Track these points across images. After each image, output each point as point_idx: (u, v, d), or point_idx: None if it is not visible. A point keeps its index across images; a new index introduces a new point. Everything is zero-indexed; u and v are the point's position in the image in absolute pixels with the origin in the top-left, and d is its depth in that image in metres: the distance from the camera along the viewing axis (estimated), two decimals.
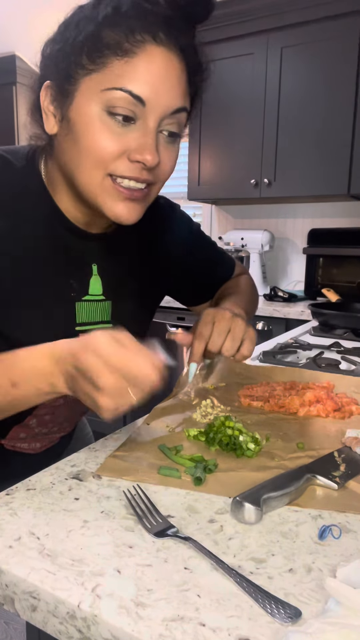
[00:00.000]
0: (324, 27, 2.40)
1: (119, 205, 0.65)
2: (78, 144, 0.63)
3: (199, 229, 0.99)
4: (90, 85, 0.61)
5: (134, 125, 0.62)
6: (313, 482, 0.59)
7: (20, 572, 0.44)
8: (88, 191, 0.66)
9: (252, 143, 2.68)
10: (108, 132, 0.62)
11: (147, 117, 0.62)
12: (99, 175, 0.64)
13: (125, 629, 0.38)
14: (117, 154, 0.62)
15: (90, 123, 0.62)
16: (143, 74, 0.60)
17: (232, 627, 0.38)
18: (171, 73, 0.62)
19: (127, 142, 0.62)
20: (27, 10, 3.03)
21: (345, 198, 2.68)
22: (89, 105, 0.62)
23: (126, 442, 0.70)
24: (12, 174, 0.69)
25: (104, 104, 0.61)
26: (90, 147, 0.62)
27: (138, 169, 0.63)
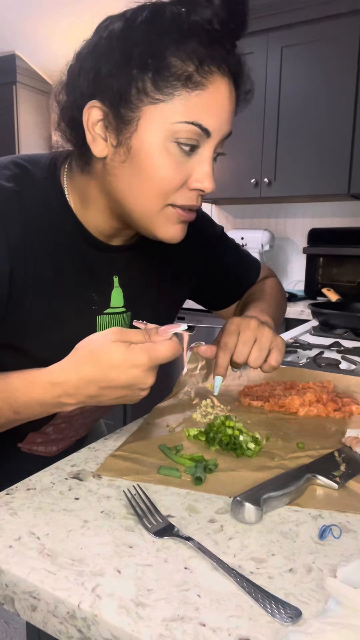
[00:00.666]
0: (324, 27, 2.40)
1: (173, 228, 0.66)
2: (140, 173, 0.61)
3: (222, 232, 0.97)
4: (156, 114, 0.59)
5: (194, 154, 0.62)
6: (313, 482, 0.59)
7: (20, 572, 0.44)
8: (142, 217, 0.65)
9: (252, 143, 2.68)
10: (172, 162, 0.61)
11: (207, 145, 0.62)
12: (158, 205, 0.63)
13: (125, 629, 0.38)
14: (180, 184, 0.62)
15: (155, 153, 0.60)
16: (212, 107, 0.60)
17: (232, 627, 0.38)
18: (231, 102, 0.62)
19: (188, 171, 0.62)
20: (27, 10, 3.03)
21: (345, 198, 2.68)
22: (154, 136, 0.60)
23: (126, 442, 0.70)
24: (33, 186, 0.67)
25: (171, 135, 0.60)
26: (154, 178, 0.61)
27: (195, 196, 0.64)
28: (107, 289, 0.75)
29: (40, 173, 0.68)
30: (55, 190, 0.69)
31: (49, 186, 0.68)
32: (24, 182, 0.66)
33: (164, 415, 0.81)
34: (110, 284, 0.75)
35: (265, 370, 0.74)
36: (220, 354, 0.73)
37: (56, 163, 0.70)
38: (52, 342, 0.69)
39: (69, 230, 0.69)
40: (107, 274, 0.75)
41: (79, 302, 0.72)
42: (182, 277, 0.89)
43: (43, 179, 0.68)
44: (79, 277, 0.71)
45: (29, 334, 0.68)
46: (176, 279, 0.87)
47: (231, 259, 0.98)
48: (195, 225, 0.90)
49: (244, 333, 0.72)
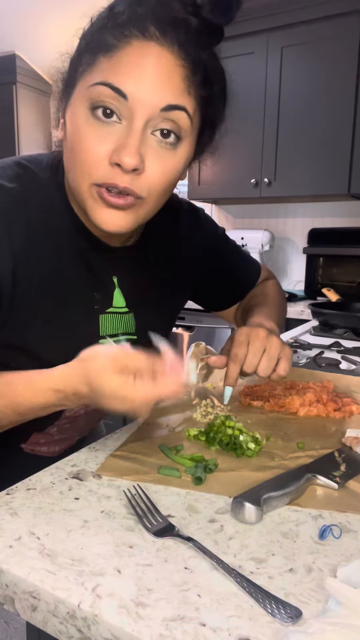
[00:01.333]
0: (324, 27, 2.40)
1: (103, 212, 0.61)
2: (70, 151, 0.61)
3: (224, 234, 0.97)
4: (80, 86, 0.60)
5: (119, 126, 0.58)
6: (313, 482, 0.59)
7: (20, 572, 0.44)
8: (79, 200, 0.63)
9: (252, 143, 2.68)
10: (92, 133, 0.58)
11: (133, 116, 0.57)
12: (84, 183, 0.61)
13: (126, 629, 0.38)
14: (99, 159, 0.58)
15: (78, 125, 0.59)
16: (125, 67, 0.56)
17: (233, 627, 0.38)
18: (162, 68, 0.57)
19: (110, 144, 0.58)
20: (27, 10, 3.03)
21: (345, 198, 2.68)
22: (78, 107, 0.59)
23: (126, 442, 0.70)
24: (35, 186, 0.66)
25: (87, 102, 0.58)
26: (76, 153, 0.60)
27: (118, 174, 0.58)
28: (108, 288, 0.75)
29: (43, 173, 0.68)
30: (58, 190, 0.69)
31: (51, 186, 0.68)
32: (27, 183, 0.66)
33: (164, 415, 0.81)
34: (112, 284, 0.75)
35: (274, 379, 0.73)
36: (230, 365, 0.72)
37: (58, 163, 0.70)
38: (56, 341, 0.69)
39: (70, 231, 0.69)
40: (107, 274, 0.75)
41: (82, 301, 0.72)
42: (183, 278, 0.88)
43: (46, 179, 0.68)
44: (81, 277, 0.71)
45: (33, 333, 0.68)
46: (178, 280, 0.87)
47: (232, 260, 0.98)
48: (197, 226, 0.90)
49: (254, 343, 0.72)
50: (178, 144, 0.61)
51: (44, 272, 0.66)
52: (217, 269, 0.95)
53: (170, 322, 0.91)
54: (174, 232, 0.85)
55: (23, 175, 0.66)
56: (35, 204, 0.65)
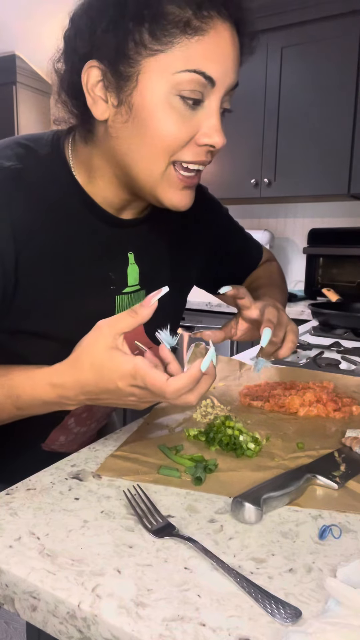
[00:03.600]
0: (324, 27, 2.40)
1: (178, 194, 0.63)
2: (143, 132, 0.59)
3: (228, 213, 0.97)
4: (156, 66, 0.56)
5: (200, 107, 0.59)
6: (313, 482, 0.59)
7: (20, 572, 0.44)
8: (147, 181, 0.62)
9: (252, 143, 2.68)
10: (177, 117, 0.58)
11: (213, 97, 0.59)
12: (163, 164, 0.60)
13: (125, 629, 0.38)
14: (185, 140, 0.59)
15: (157, 108, 0.58)
16: (215, 53, 0.56)
17: (232, 627, 0.38)
18: (235, 48, 0.59)
19: (195, 126, 0.59)
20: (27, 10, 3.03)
21: (345, 198, 2.68)
22: (156, 89, 0.57)
23: (126, 442, 0.70)
24: (37, 163, 0.65)
25: (173, 87, 0.57)
26: (158, 135, 0.59)
27: (204, 152, 0.61)
28: (122, 266, 0.73)
29: (44, 149, 0.67)
30: (61, 165, 0.67)
31: (53, 162, 0.66)
32: (27, 160, 0.64)
33: (164, 415, 0.81)
34: (125, 261, 0.73)
35: (282, 354, 0.73)
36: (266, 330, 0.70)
37: (59, 139, 0.68)
38: (72, 322, 0.67)
39: (78, 206, 0.67)
40: (122, 250, 0.73)
41: (96, 281, 0.70)
42: (194, 254, 0.87)
43: (47, 155, 0.66)
44: (93, 255, 0.69)
45: (46, 315, 0.66)
46: (188, 255, 0.85)
47: (237, 241, 0.97)
48: (204, 205, 0.88)
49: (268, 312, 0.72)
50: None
51: (53, 251, 0.64)
52: (224, 249, 0.94)
53: (182, 299, 0.89)
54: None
55: (22, 153, 0.65)
56: (36, 180, 0.64)
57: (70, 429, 0.81)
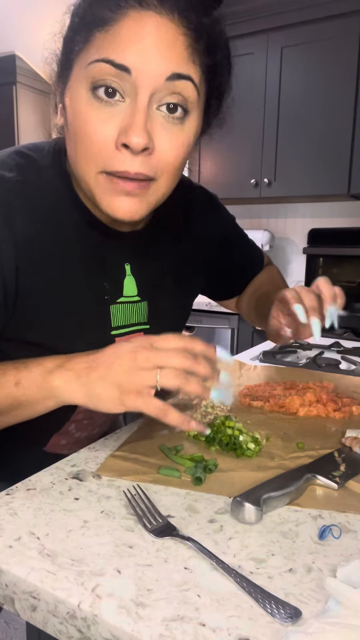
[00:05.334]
0: (324, 27, 2.40)
1: (114, 200, 0.59)
2: (73, 136, 0.58)
3: (235, 221, 0.96)
4: (78, 66, 0.56)
5: (122, 105, 0.55)
6: (313, 482, 0.59)
7: (20, 572, 0.44)
8: (87, 188, 0.61)
9: (252, 143, 2.68)
10: (95, 116, 0.55)
11: (137, 92, 0.54)
12: (91, 170, 0.58)
13: (125, 629, 0.38)
14: (104, 143, 0.55)
15: (78, 109, 0.56)
16: (125, 40, 0.53)
17: (232, 627, 0.38)
18: (163, 37, 0.53)
19: (114, 125, 0.55)
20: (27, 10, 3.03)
21: (345, 198, 2.68)
22: (78, 89, 0.56)
23: (126, 442, 0.70)
24: (38, 174, 0.64)
25: (87, 83, 0.55)
26: (80, 137, 0.57)
27: (127, 157, 0.55)
28: (119, 277, 0.73)
29: (45, 160, 0.66)
30: (61, 177, 0.67)
31: (54, 173, 0.66)
32: (28, 171, 0.64)
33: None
34: (122, 273, 0.73)
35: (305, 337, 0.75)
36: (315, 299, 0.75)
37: (61, 149, 0.68)
38: (65, 333, 0.68)
39: (76, 218, 0.67)
40: (118, 261, 0.73)
41: (91, 291, 0.70)
42: (197, 264, 0.87)
43: (47, 167, 0.66)
44: (90, 266, 0.69)
45: (42, 327, 0.66)
46: (192, 266, 0.85)
47: (242, 249, 0.97)
48: (211, 211, 0.88)
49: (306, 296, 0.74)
50: (186, 118, 0.58)
51: (50, 263, 0.65)
52: (229, 257, 0.94)
53: (185, 310, 0.89)
54: (187, 215, 0.83)
55: (23, 164, 0.65)
56: (37, 193, 0.64)
57: (72, 434, 0.81)
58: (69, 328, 0.68)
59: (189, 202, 0.84)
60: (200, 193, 0.88)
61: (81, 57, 0.56)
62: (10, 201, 0.61)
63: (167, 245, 0.79)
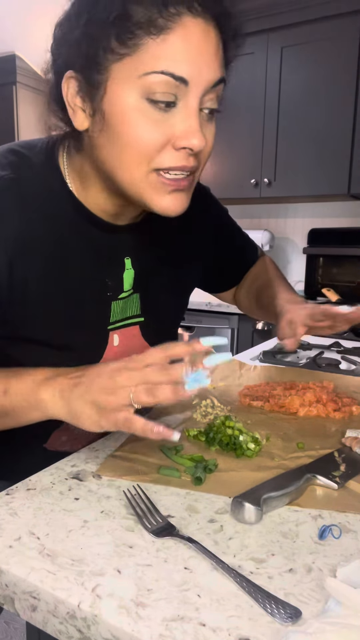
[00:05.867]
0: (324, 27, 2.40)
1: (166, 199, 0.61)
2: (117, 140, 0.58)
3: (228, 213, 0.97)
4: (124, 71, 0.55)
5: (175, 109, 0.56)
6: (313, 482, 0.59)
7: (20, 572, 0.44)
8: (131, 188, 0.61)
9: (252, 143, 2.68)
10: (149, 121, 0.56)
11: (189, 97, 0.56)
12: (143, 171, 0.59)
13: (125, 629, 0.38)
14: (161, 145, 0.57)
15: (128, 114, 0.56)
16: (183, 51, 0.54)
17: (232, 627, 0.38)
18: (210, 44, 0.55)
19: (170, 129, 0.57)
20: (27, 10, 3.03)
21: (345, 198, 2.68)
22: (124, 95, 0.56)
23: (126, 442, 0.70)
24: (31, 172, 0.64)
25: (142, 91, 0.55)
26: (131, 142, 0.57)
27: (184, 156, 0.58)
28: (119, 272, 0.73)
29: (38, 158, 0.67)
30: (54, 174, 0.67)
31: (47, 170, 0.66)
32: (21, 169, 0.64)
33: (164, 416, 0.81)
34: (122, 267, 0.73)
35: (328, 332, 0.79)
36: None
37: (54, 146, 0.68)
38: (68, 329, 0.67)
39: (72, 214, 0.67)
40: (119, 256, 0.73)
41: (93, 288, 0.70)
42: (194, 258, 0.87)
43: (41, 164, 0.66)
44: (89, 262, 0.69)
45: (44, 323, 0.66)
46: (188, 259, 0.85)
47: (237, 242, 0.98)
48: (205, 204, 0.89)
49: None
50: (216, 113, 0.61)
51: (49, 261, 0.64)
52: (224, 250, 0.95)
53: (180, 302, 0.89)
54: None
55: (16, 161, 0.65)
56: (31, 190, 0.64)
57: (72, 431, 0.80)
58: (68, 325, 0.68)
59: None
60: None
61: (126, 62, 0.55)
62: (4, 200, 0.61)
63: (162, 237, 0.79)
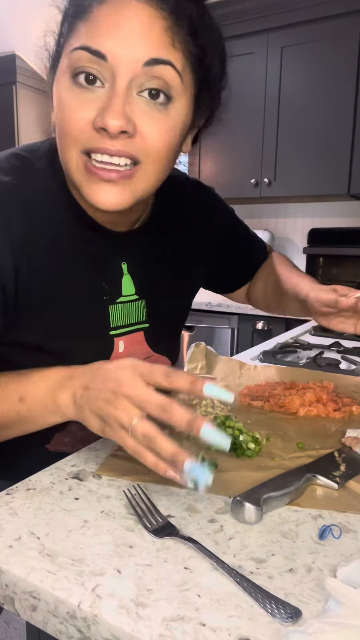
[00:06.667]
0: (324, 27, 2.40)
1: (97, 189, 0.58)
2: (57, 125, 0.59)
3: (234, 213, 0.96)
4: (63, 55, 0.58)
5: (102, 90, 0.55)
6: (313, 482, 0.59)
7: (20, 572, 0.44)
8: (72, 178, 0.60)
9: (252, 143, 2.68)
10: (76, 102, 0.55)
11: (115, 77, 0.54)
12: (72, 154, 0.57)
13: (125, 629, 0.38)
14: (84, 125, 0.55)
15: (61, 97, 0.57)
16: (103, 26, 0.53)
17: (232, 627, 0.38)
18: (140, 22, 0.53)
19: (94, 109, 0.55)
20: (27, 10, 3.03)
21: (345, 198, 2.68)
22: (62, 77, 0.57)
23: None
24: (33, 176, 0.65)
25: (70, 71, 0.56)
26: (61, 124, 0.57)
27: (108, 139, 0.55)
28: (116, 277, 0.73)
29: (40, 162, 0.67)
30: (55, 178, 0.67)
31: (49, 174, 0.66)
32: (23, 174, 0.64)
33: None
34: (120, 272, 0.73)
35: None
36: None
37: (55, 148, 0.67)
38: (67, 334, 0.68)
39: (71, 219, 0.67)
40: (115, 261, 0.72)
41: (90, 292, 0.70)
42: (197, 263, 0.86)
43: (42, 168, 0.66)
44: (87, 267, 0.69)
45: (41, 327, 0.66)
46: (191, 265, 0.85)
47: (243, 241, 0.97)
48: (209, 205, 0.88)
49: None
50: (170, 104, 0.57)
51: (47, 265, 0.64)
52: (231, 250, 0.94)
53: (185, 305, 0.88)
54: (184, 211, 0.82)
55: (19, 166, 0.65)
56: (33, 195, 0.64)
57: (74, 432, 0.81)
58: (67, 329, 0.68)
59: (184, 197, 0.84)
60: (195, 187, 0.88)
61: (65, 47, 0.57)
62: (7, 205, 0.62)
63: (164, 242, 0.79)
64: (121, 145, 0.55)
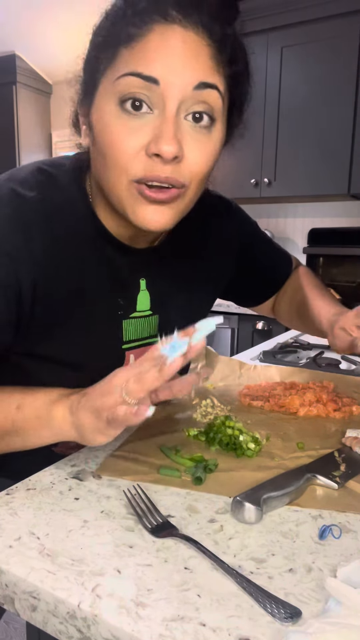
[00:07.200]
0: (324, 27, 2.40)
1: (144, 210, 0.59)
2: (100, 151, 0.58)
3: (257, 227, 0.96)
4: (105, 83, 0.57)
5: (151, 116, 0.56)
6: (313, 482, 0.59)
7: (20, 572, 0.44)
8: (117, 202, 0.61)
9: (252, 143, 2.67)
10: (124, 129, 0.55)
11: (165, 102, 0.55)
12: (123, 183, 0.58)
13: (125, 629, 0.38)
14: (135, 152, 0.56)
15: (106, 122, 0.57)
16: (152, 52, 0.54)
17: (233, 627, 0.38)
18: (188, 48, 0.54)
19: (145, 136, 0.55)
20: (27, 10, 3.03)
21: (345, 198, 2.68)
22: (104, 104, 0.57)
23: (126, 442, 0.70)
24: (57, 192, 0.65)
25: (116, 97, 0.56)
26: (108, 151, 0.57)
27: (159, 166, 0.56)
28: (134, 293, 0.73)
29: (64, 178, 0.67)
30: (79, 195, 0.67)
31: (73, 191, 0.67)
32: (48, 190, 0.64)
33: (164, 415, 0.81)
34: (137, 288, 0.73)
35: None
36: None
37: (81, 165, 0.68)
38: (81, 347, 0.68)
39: (93, 236, 0.67)
40: (134, 278, 0.73)
41: (105, 307, 0.70)
42: (213, 279, 0.86)
43: (67, 184, 0.66)
44: (105, 283, 0.69)
45: (55, 340, 0.66)
46: (207, 281, 0.85)
47: (266, 255, 0.97)
48: (230, 221, 0.88)
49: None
50: (212, 127, 0.59)
51: (67, 283, 0.65)
52: (252, 266, 0.93)
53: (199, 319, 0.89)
54: (205, 227, 0.82)
55: (44, 182, 0.65)
56: (57, 212, 0.64)
57: None
58: (81, 343, 0.68)
59: (206, 212, 0.83)
60: (217, 202, 0.88)
61: (107, 74, 0.57)
62: (31, 221, 0.61)
63: (182, 258, 0.79)
64: (170, 172, 0.56)
